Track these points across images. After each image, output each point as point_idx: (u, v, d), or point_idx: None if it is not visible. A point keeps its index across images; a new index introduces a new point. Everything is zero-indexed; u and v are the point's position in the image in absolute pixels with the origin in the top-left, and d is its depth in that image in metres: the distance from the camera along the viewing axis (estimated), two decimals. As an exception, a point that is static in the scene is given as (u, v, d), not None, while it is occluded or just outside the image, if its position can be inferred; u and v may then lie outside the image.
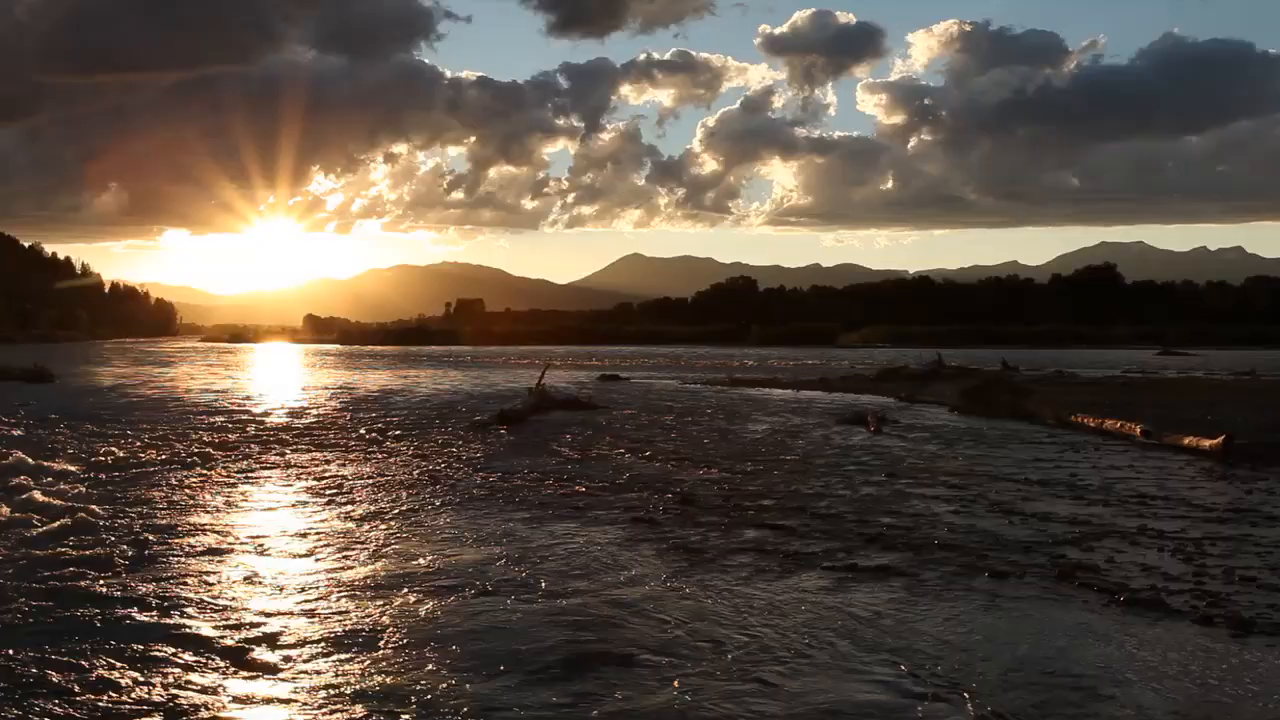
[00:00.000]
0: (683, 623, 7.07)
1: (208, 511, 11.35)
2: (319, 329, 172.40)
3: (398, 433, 19.92)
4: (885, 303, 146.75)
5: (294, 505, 11.92)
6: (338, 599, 7.70)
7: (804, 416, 23.70)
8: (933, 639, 6.73)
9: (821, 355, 77.69)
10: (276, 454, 16.52)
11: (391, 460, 15.77)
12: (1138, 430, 18.53)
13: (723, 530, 10.26)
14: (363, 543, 9.71)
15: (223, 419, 22.78)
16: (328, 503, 12.01)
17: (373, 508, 11.59)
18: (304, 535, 10.12)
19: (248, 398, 30.37)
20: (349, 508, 11.62)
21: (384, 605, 7.50)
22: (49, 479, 13.20)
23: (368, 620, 7.11)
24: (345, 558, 9.10)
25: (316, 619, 7.16)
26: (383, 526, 10.49)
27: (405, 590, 7.93)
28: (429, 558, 9.05)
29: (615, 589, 7.97)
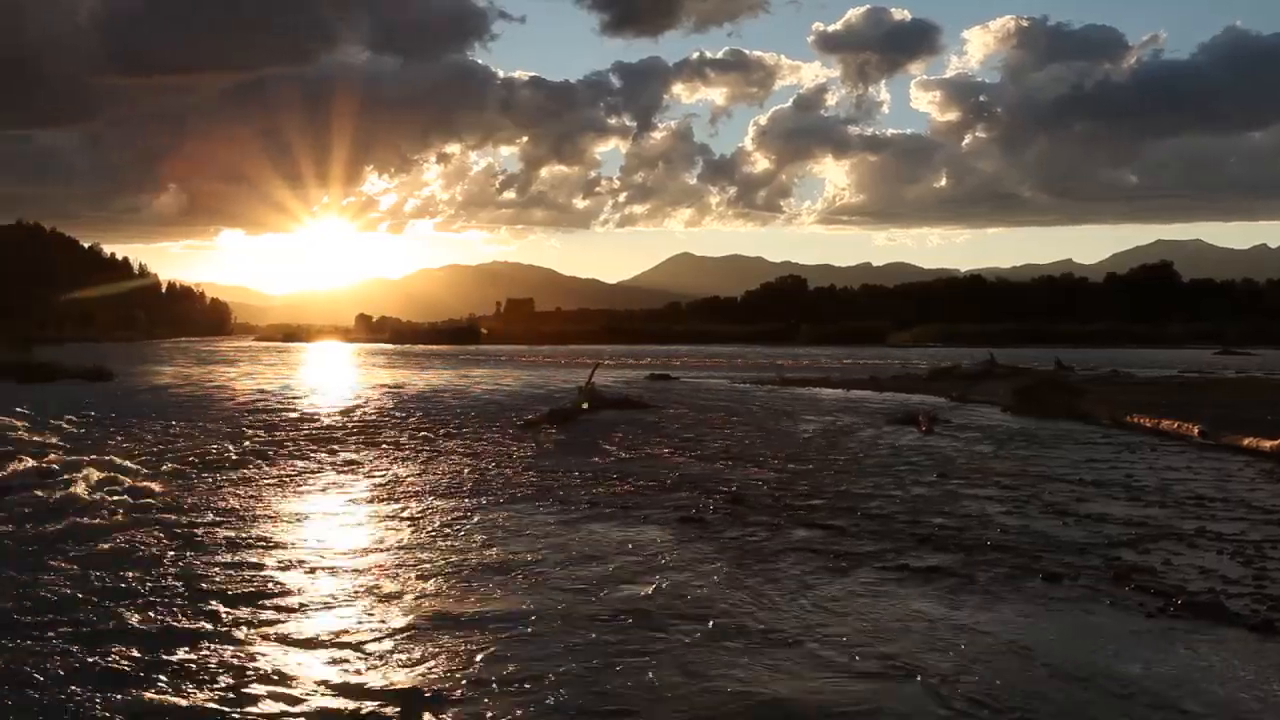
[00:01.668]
0: (733, 623, 7.06)
1: (262, 507, 11.49)
2: (371, 328, 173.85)
3: (448, 431, 20.05)
4: (937, 302, 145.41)
5: (346, 502, 12.04)
6: (390, 594, 7.78)
7: (854, 416, 23.55)
8: (984, 641, 6.67)
9: (872, 355, 77.19)
10: (329, 452, 16.69)
11: (442, 459, 15.88)
12: (1195, 431, 18.23)
13: (773, 530, 10.23)
14: (413, 540, 9.80)
15: (276, 417, 23.04)
16: (379, 500, 12.12)
17: (424, 506, 11.68)
18: (355, 530, 10.25)
19: (301, 397, 30.67)
20: (400, 505, 11.72)
21: (435, 602, 7.57)
22: (108, 476, 13.41)
23: (419, 616, 7.18)
24: (397, 554, 9.19)
25: (368, 613, 7.24)
26: (434, 524, 10.57)
27: (455, 588, 7.99)
28: (479, 557, 9.11)
29: (665, 589, 7.97)
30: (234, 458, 15.75)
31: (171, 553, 9.14)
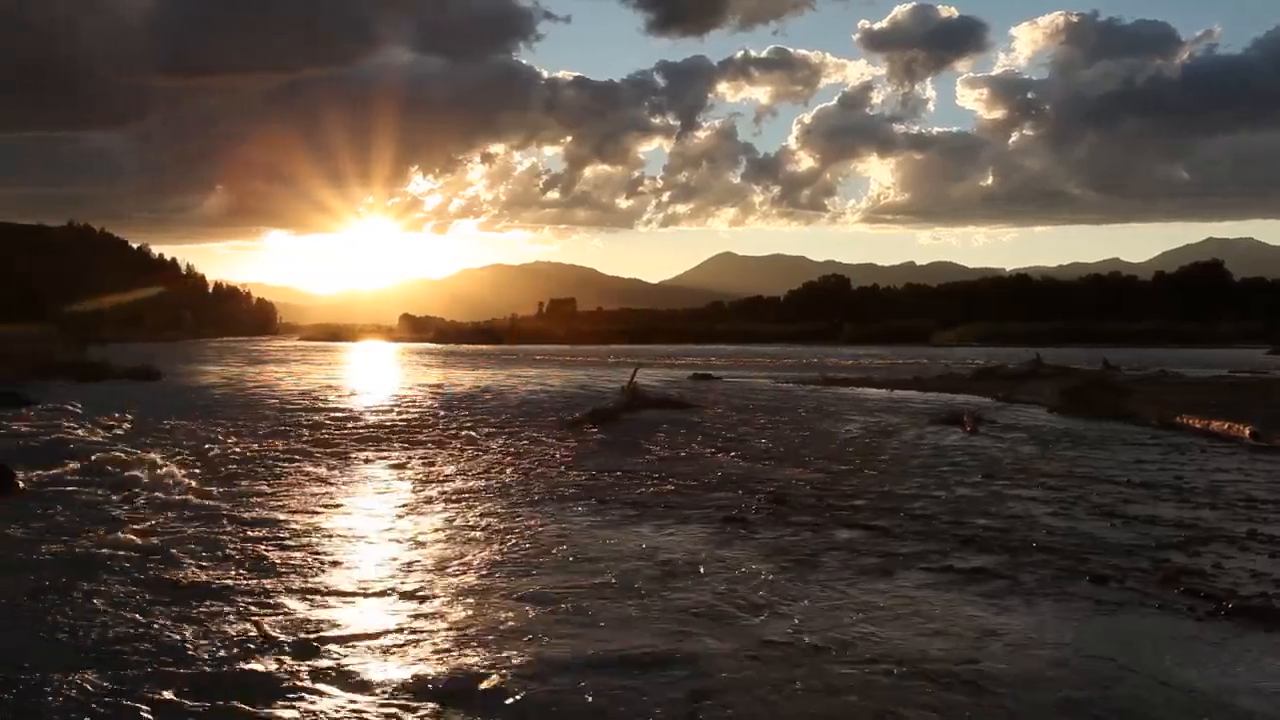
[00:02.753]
0: (778, 626, 7.03)
1: (305, 506, 11.59)
2: (414, 328, 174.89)
3: (490, 430, 20.13)
4: (981, 301, 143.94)
5: (388, 501, 12.12)
6: (433, 595, 7.81)
7: (898, 416, 23.40)
8: (1030, 645, 6.60)
9: (916, 354, 76.65)
10: (372, 450, 16.81)
11: (484, 458, 15.95)
12: (1247, 432, 17.94)
13: (815, 530, 10.18)
14: (455, 540, 9.84)
15: (321, 417, 23.25)
16: (422, 500, 12.19)
17: (466, 506, 11.73)
18: (397, 529, 10.31)
19: (345, 396, 30.94)
20: (442, 505, 11.79)
21: (477, 603, 7.59)
22: (155, 473, 13.59)
23: (461, 617, 7.20)
24: (439, 554, 9.23)
25: (410, 614, 7.28)
26: (476, 524, 10.61)
27: (499, 587, 8.02)
28: (521, 556, 9.13)
29: (707, 588, 7.96)
30: (278, 456, 15.90)
31: (214, 550, 9.23)
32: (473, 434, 19.56)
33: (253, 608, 7.39)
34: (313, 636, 6.74)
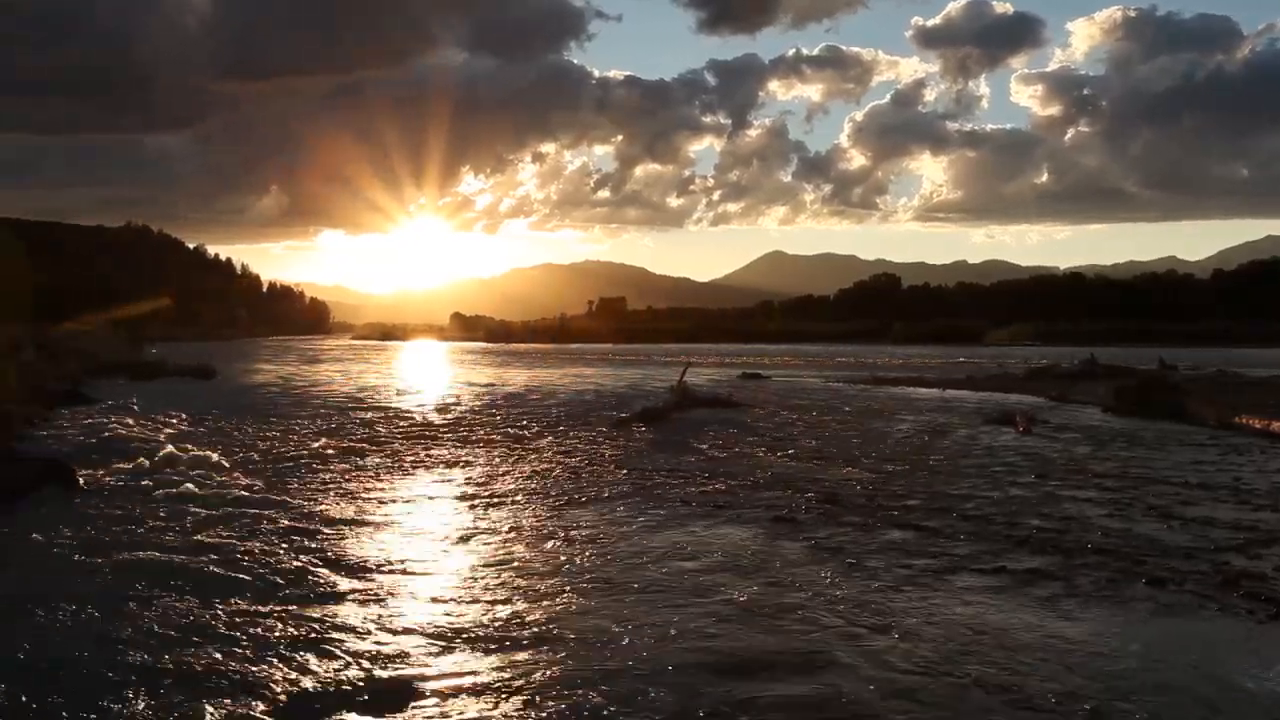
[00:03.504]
0: (828, 623, 7.00)
1: (360, 505, 11.70)
2: (465, 327, 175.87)
3: (540, 429, 20.21)
4: (1034, 300, 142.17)
5: (439, 498, 12.21)
6: (480, 593, 7.86)
7: (949, 416, 23.21)
8: (1087, 648, 6.52)
9: (967, 354, 75.94)
10: (424, 448, 16.94)
11: (535, 457, 16.01)
12: (1308, 433, 17.59)
13: (866, 530, 10.12)
14: (505, 538, 9.89)
15: (373, 414, 23.46)
16: (472, 498, 12.26)
17: (516, 503, 11.79)
18: (447, 526, 10.38)
19: (397, 394, 31.20)
20: (492, 503, 11.85)
21: (528, 601, 7.63)
22: (211, 472, 13.78)
23: (516, 615, 7.24)
24: (487, 554, 9.28)
25: (461, 611, 7.32)
26: (525, 522, 10.66)
27: (550, 586, 8.05)
28: (572, 554, 9.16)
29: (758, 588, 7.93)
30: (331, 455, 16.07)
31: (268, 550, 9.34)
32: (523, 433, 19.64)
33: (308, 609, 7.47)
34: (378, 643, 6.80)
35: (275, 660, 6.26)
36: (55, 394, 24.12)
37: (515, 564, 8.79)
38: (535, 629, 6.87)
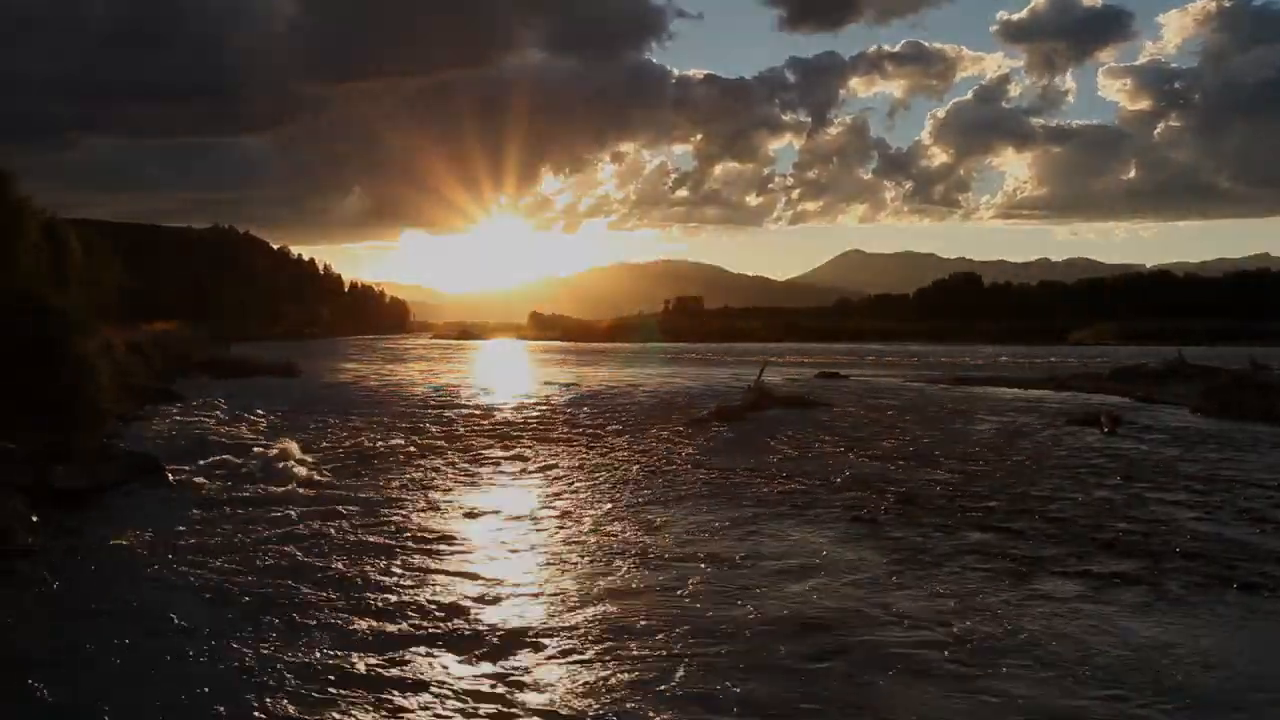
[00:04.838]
0: (910, 625, 6.94)
1: (434, 498, 11.87)
2: (543, 326, 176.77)
3: (618, 427, 20.27)
4: (1119, 298, 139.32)
5: (516, 496, 12.33)
6: (559, 591, 7.92)
7: (1031, 416, 22.82)
8: (1177, 654, 6.38)
9: (1050, 353, 74.61)
10: (502, 446, 17.09)
11: (612, 455, 16.07)
12: None
13: (946, 532, 10.01)
14: (581, 537, 9.97)
15: (452, 412, 23.72)
16: (548, 496, 12.35)
17: (592, 502, 11.86)
18: (523, 524, 10.49)
19: (476, 393, 31.49)
20: (568, 501, 11.94)
21: (608, 601, 7.68)
22: (295, 468, 14.04)
23: (592, 615, 7.29)
24: (563, 551, 9.36)
25: (538, 609, 7.39)
26: (601, 522, 10.72)
27: (627, 588, 8.09)
28: (651, 553, 9.19)
29: (838, 589, 7.90)
30: (411, 450, 16.29)
31: (352, 546, 9.51)
32: (599, 431, 19.71)
33: (393, 603, 7.59)
34: (464, 637, 6.90)
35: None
36: (146, 392, 24.70)
37: (584, 563, 8.85)
38: (597, 630, 6.92)
